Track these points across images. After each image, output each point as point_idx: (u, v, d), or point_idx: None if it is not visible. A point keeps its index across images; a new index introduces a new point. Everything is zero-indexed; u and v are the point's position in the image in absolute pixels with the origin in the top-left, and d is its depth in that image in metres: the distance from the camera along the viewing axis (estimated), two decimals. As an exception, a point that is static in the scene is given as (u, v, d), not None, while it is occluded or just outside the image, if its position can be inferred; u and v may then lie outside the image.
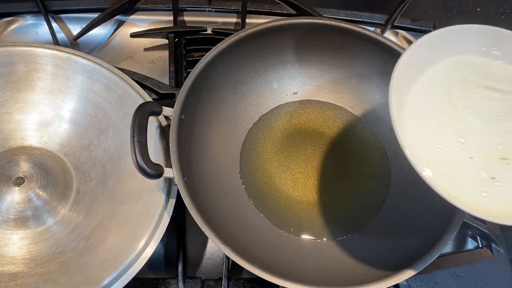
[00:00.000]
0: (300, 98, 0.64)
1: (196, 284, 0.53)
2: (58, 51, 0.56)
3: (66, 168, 0.54)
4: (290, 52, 0.62)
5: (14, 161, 0.52)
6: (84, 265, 0.49)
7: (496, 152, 0.45)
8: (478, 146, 0.45)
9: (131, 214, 0.51)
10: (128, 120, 0.48)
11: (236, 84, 0.60)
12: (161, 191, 0.51)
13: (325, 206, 0.59)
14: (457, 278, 0.54)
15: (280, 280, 0.45)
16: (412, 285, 0.53)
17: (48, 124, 0.56)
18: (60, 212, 0.52)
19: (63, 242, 0.50)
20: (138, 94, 0.56)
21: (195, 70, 0.53)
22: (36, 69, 0.56)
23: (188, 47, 0.68)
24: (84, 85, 0.56)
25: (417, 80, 0.47)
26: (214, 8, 0.71)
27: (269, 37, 0.58)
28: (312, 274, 0.53)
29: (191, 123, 0.54)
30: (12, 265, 0.49)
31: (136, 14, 0.71)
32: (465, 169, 0.44)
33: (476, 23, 0.47)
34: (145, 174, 0.47)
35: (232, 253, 0.46)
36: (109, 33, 0.70)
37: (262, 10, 0.71)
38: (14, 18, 0.68)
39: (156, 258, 0.56)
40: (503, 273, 0.55)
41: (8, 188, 0.51)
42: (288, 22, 0.57)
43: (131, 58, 0.69)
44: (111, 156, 0.55)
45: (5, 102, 0.55)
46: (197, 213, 0.47)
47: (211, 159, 0.58)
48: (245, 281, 0.54)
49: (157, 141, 0.53)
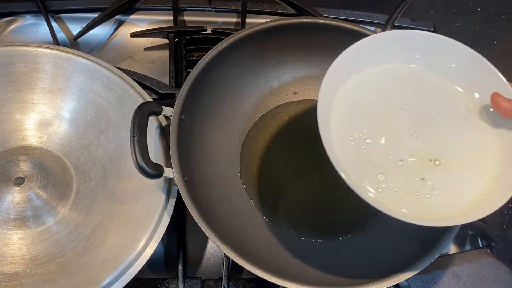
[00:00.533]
0: (300, 97, 0.64)
1: (196, 284, 0.53)
2: (58, 51, 0.56)
3: (66, 168, 0.54)
4: (290, 52, 0.61)
5: (14, 161, 0.52)
6: (84, 265, 0.49)
7: (425, 155, 0.46)
8: (407, 150, 0.46)
9: (131, 214, 0.51)
10: (128, 120, 0.48)
11: (236, 84, 0.60)
12: (161, 191, 0.51)
13: (325, 206, 0.59)
14: (457, 278, 0.54)
15: (280, 280, 0.45)
16: (412, 285, 0.53)
17: (48, 124, 0.56)
18: (60, 212, 0.52)
19: (63, 242, 0.50)
20: (138, 94, 0.56)
21: (195, 70, 0.53)
22: (36, 69, 0.56)
23: (188, 47, 0.68)
24: (84, 85, 0.56)
25: (342, 86, 0.47)
26: (214, 8, 0.71)
27: (269, 37, 0.58)
28: (312, 274, 0.53)
29: (191, 123, 0.54)
30: (12, 265, 0.49)
31: (136, 14, 0.71)
32: (396, 173, 0.45)
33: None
34: (145, 174, 0.47)
35: (232, 253, 0.46)
36: (109, 33, 0.70)
37: (262, 10, 0.71)
38: (14, 18, 0.68)
39: (156, 258, 0.56)
40: (503, 273, 0.55)
41: (8, 188, 0.51)
42: (288, 22, 0.57)
43: (131, 58, 0.69)
44: (111, 156, 0.55)
45: (5, 102, 0.55)
46: (197, 213, 0.47)
47: (211, 159, 0.58)
48: (245, 281, 0.54)
49: (157, 141, 0.53)
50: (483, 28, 0.74)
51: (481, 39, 0.73)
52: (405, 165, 0.45)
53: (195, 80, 0.53)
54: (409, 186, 0.45)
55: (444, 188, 0.45)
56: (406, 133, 0.46)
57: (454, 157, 0.46)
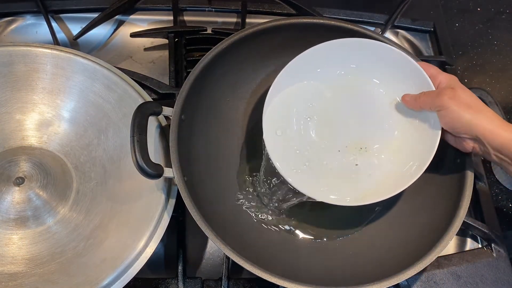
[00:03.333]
0: (300, 98, 0.64)
1: (196, 284, 0.53)
2: (58, 51, 0.56)
3: (66, 168, 0.54)
4: (290, 52, 0.61)
5: (14, 161, 0.52)
6: (84, 265, 0.49)
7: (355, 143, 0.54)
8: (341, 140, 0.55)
9: (131, 214, 0.51)
10: (128, 120, 0.48)
11: (236, 84, 0.60)
12: (161, 191, 0.51)
13: (325, 206, 0.59)
14: (457, 278, 0.54)
15: (280, 280, 0.45)
16: (412, 285, 0.53)
17: (48, 124, 0.56)
18: (60, 212, 0.52)
19: (63, 242, 0.50)
20: (138, 94, 0.56)
21: (195, 70, 0.53)
22: (36, 69, 0.56)
23: (188, 47, 0.68)
24: (84, 85, 0.56)
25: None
26: (214, 8, 0.71)
27: (269, 37, 0.58)
28: (312, 274, 0.53)
29: (191, 123, 0.54)
30: (12, 265, 0.49)
31: (136, 14, 0.71)
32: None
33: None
34: (145, 174, 0.47)
35: (232, 253, 0.46)
36: (109, 33, 0.70)
37: (262, 10, 0.71)
38: (14, 18, 0.68)
39: (156, 258, 0.56)
40: (503, 273, 0.55)
41: (8, 188, 0.51)
42: (288, 22, 0.57)
43: (131, 58, 0.69)
44: (111, 156, 0.55)
45: (5, 102, 0.55)
46: (197, 213, 0.47)
47: (211, 159, 0.58)
48: (245, 281, 0.54)
49: (157, 141, 0.53)
50: (483, 28, 0.74)
51: (481, 39, 0.73)
52: (339, 153, 0.54)
53: (195, 80, 0.53)
54: (344, 171, 0.54)
55: (375, 170, 0.53)
56: (341, 126, 0.55)
57: (380, 143, 0.54)
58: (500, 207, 0.62)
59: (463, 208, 0.49)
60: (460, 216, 0.49)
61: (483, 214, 0.59)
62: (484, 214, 0.59)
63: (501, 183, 0.63)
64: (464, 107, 0.46)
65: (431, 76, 0.50)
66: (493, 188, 0.63)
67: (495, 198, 0.62)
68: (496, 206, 0.61)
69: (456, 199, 0.50)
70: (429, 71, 0.51)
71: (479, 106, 0.47)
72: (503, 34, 0.74)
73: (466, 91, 0.48)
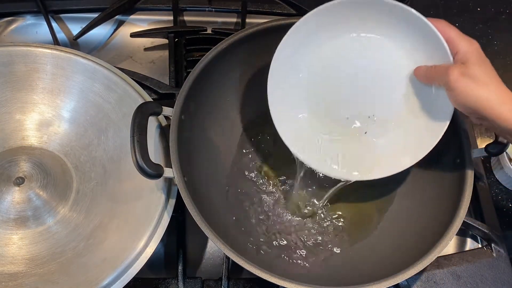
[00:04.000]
0: (300, 98, 0.64)
1: (196, 284, 0.53)
2: (58, 51, 0.56)
3: (66, 168, 0.54)
4: (290, 52, 0.61)
5: (14, 161, 0.52)
6: (84, 265, 0.49)
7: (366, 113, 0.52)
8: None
9: (131, 214, 0.51)
10: (128, 120, 0.48)
11: (236, 84, 0.60)
12: (161, 191, 0.51)
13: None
14: (457, 278, 0.54)
15: (280, 280, 0.45)
16: (412, 285, 0.53)
17: (48, 124, 0.56)
18: (60, 212, 0.52)
19: (63, 242, 0.50)
20: (138, 94, 0.56)
21: (195, 70, 0.53)
22: (36, 69, 0.56)
23: (188, 47, 0.68)
24: (84, 85, 0.56)
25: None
26: (214, 8, 0.71)
27: (269, 37, 0.58)
28: (312, 274, 0.53)
29: (191, 123, 0.54)
30: (12, 265, 0.49)
31: (136, 14, 0.71)
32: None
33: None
34: (145, 174, 0.47)
35: (232, 253, 0.46)
36: (109, 33, 0.70)
37: (262, 10, 0.71)
38: (14, 18, 0.68)
39: (156, 258, 0.56)
40: (503, 273, 0.55)
41: (8, 188, 0.51)
42: (288, 22, 0.57)
43: (131, 58, 0.69)
44: (111, 156, 0.55)
45: (5, 102, 0.55)
46: (197, 213, 0.47)
47: (211, 159, 0.58)
48: (245, 281, 0.54)
49: (157, 141, 0.53)
50: (483, 28, 0.74)
51: (481, 39, 0.73)
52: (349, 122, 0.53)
53: (195, 80, 0.53)
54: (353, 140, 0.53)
55: (383, 139, 0.52)
56: (350, 93, 0.52)
57: (389, 114, 0.51)
58: (500, 207, 0.62)
59: (463, 208, 0.49)
60: (460, 216, 0.49)
61: (483, 214, 0.59)
62: (484, 214, 0.59)
63: (501, 183, 0.63)
64: (473, 86, 0.41)
65: (450, 40, 0.44)
66: (493, 188, 0.63)
67: (495, 198, 0.62)
68: (496, 206, 0.61)
69: (456, 199, 0.50)
70: (447, 33, 0.44)
71: (491, 86, 0.41)
72: (503, 34, 0.74)
73: (481, 66, 0.42)
